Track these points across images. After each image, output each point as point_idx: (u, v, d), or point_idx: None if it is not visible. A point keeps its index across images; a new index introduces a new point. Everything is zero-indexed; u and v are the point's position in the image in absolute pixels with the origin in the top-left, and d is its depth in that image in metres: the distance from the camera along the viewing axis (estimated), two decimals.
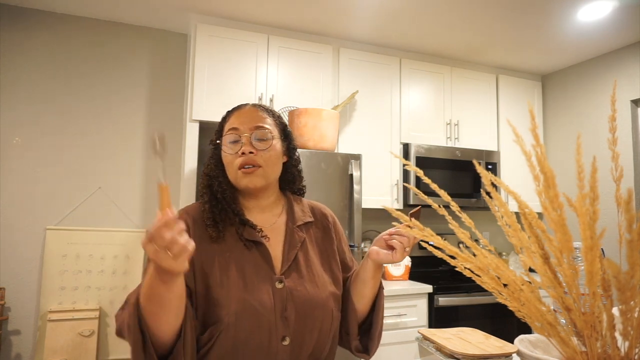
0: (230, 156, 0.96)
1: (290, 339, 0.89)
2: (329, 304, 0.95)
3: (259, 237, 0.95)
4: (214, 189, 0.97)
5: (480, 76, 3.24)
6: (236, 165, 0.95)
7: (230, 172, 0.97)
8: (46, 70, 2.54)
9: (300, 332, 0.90)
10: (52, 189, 2.50)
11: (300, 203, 1.08)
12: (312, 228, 1.04)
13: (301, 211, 1.05)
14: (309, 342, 0.91)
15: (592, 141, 3.04)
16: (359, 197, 2.39)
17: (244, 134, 0.96)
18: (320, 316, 0.92)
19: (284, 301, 0.90)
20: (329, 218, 1.09)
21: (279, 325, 0.88)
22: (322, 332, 0.93)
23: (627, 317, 0.55)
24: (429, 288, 2.54)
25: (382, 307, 1.03)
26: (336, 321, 0.97)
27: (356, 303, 1.00)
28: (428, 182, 0.77)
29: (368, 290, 0.99)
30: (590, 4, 2.38)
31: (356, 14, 2.54)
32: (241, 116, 0.99)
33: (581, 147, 0.61)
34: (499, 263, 0.67)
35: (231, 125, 0.98)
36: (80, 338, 2.37)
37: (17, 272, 2.40)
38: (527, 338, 0.78)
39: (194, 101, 2.44)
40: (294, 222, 1.01)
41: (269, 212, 1.02)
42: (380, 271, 1.00)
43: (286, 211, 1.04)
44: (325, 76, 2.75)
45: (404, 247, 0.92)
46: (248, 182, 0.95)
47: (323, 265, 1.01)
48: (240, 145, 0.95)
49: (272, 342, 0.87)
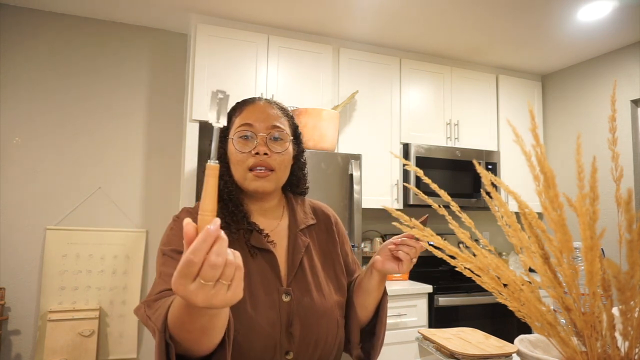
0: (241, 155, 0.89)
1: (294, 354, 0.86)
2: (334, 313, 0.92)
3: (267, 245, 0.90)
4: (220, 188, 0.89)
5: (480, 76, 3.24)
6: (247, 165, 0.88)
7: (239, 172, 0.90)
8: (46, 70, 2.54)
9: (304, 346, 0.87)
10: (52, 189, 2.50)
11: (302, 204, 1.03)
12: (314, 230, 1.00)
13: (303, 213, 1.00)
14: (312, 354, 0.88)
15: (592, 141, 3.04)
16: (359, 197, 2.39)
17: (259, 132, 0.89)
18: (325, 326, 0.89)
19: (290, 316, 0.86)
20: (331, 219, 1.05)
21: (284, 341, 0.85)
22: (327, 343, 0.90)
23: (627, 317, 0.55)
24: (429, 288, 2.54)
25: (385, 316, 0.99)
26: (341, 329, 0.94)
27: (359, 312, 0.97)
28: (428, 182, 0.77)
29: (371, 300, 0.96)
30: (590, 4, 2.38)
31: (356, 14, 2.53)
32: (256, 112, 0.91)
33: (581, 147, 0.61)
34: (499, 263, 0.67)
35: (245, 120, 0.90)
36: (80, 338, 2.37)
37: (17, 272, 2.40)
38: (527, 338, 0.78)
39: (194, 101, 2.44)
40: (296, 226, 0.96)
41: (271, 215, 0.97)
42: (384, 281, 0.97)
43: (288, 214, 0.99)
44: (325, 76, 2.75)
45: (410, 258, 0.88)
46: (259, 187, 0.90)
47: (327, 272, 0.97)
48: (254, 144, 0.88)
49: (275, 357, 0.84)
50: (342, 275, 1.00)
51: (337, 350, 0.95)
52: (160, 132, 2.77)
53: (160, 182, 2.74)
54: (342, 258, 1.02)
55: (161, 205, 2.70)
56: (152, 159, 2.73)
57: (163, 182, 2.74)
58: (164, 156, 2.76)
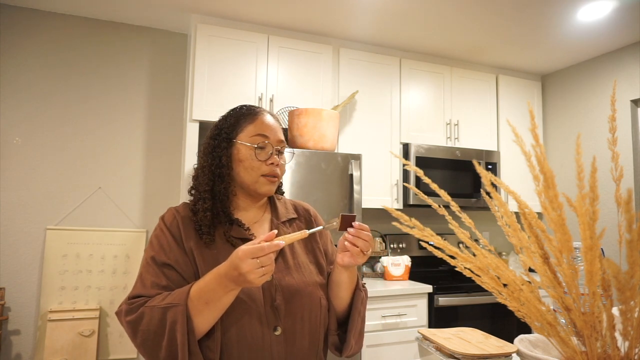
0: (258, 162, 0.98)
1: (282, 329, 0.91)
2: (317, 292, 0.98)
3: (247, 235, 0.98)
4: (215, 189, 0.97)
5: (480, 76, 3.24)
6: (262, 171, 0.98)
7: (251, 175, 0.98)
8: (46, 70, 2.54)
9: (291, 322, 0.92)
10: (52, 189, 2.50)
11: (283, 202, 1.12)
12: (295, 223, 1.09)
13: (285, 209, 1.09)
14: (300, 331, 0.93)
15: (592, 141, 3.04)
16: (359, 197, 2.39)
17: (275, 146, 1.00)
18: (308, 304, 0.95)
19: (272, 292, 0.92)
20: (310, 212, 1.14)
21: (269, 315, 0.91)
22: (312, 321, 0.96)
23: (627, 317, 0.55)
24: (429, 288, 2.54)
25: (360, 310, 1.03)
26: (324, 309, 0.99)
27: (333, 302, 1.02)
28: (428, 182, 0.77)
29: (343, 292, 1.01)
30: (590, 4, 2.38)
31: (356, 14, 2.54)
32: (270, 126, 1.02)
33: (581, 147, 0.61)
34: (499, 263, 0.67)
35: (261, 131, 1.00)
36: (80, 338, 2.38)
37: (17, 272, 2.40)
38: (527, 338, 0.78)
39: (194, 101, 2.44)
40: (278, 219, 1.05)
41: (256, 209, 1.05)
42: (354, 274, 1.00)
43: (270, 208, 1.08)
44: (325, 76, 2.75)
45: (359, 250, 0.91)
46: (269, 191, 1.00)
47: (308, 256, 1.04)
48: (268, 154, 0.99)
49: (264, 333, 0.89)
50: (323, 259, 1.06)
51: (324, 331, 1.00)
52: (160, 132, 2.77)
53: (160, 182, 2.74)
54: (321, 245, 1.09)
55: (161, 205, 2.70)
56: (152, 159, 2.73)
57: (163, 182, 2.74)
58: (164, 156, 2.76)
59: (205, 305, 0.82)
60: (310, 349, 0.96)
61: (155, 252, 0.93)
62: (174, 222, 0.96)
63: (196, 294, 0.83)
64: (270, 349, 0.89)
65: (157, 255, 0.92)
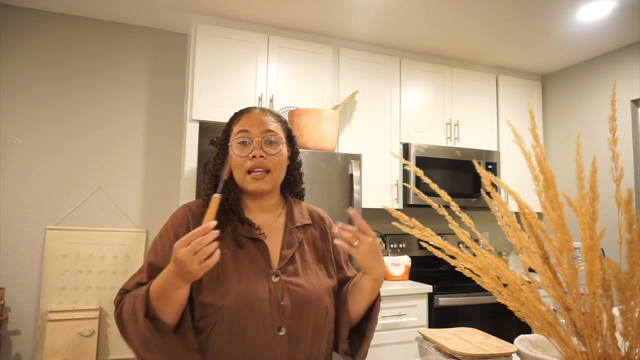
0: (240, 159, 0.98)
1: (287, 330, 0.91)
2: (324, 300, 0.97)
3: (257, 235, 0.97)
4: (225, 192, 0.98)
5: (480, 76, 3.24)
6: (245, 168, 0.97)
7: (239, 174, 0.99)
8: (46, 70, 2.54)
9: (296, 324, 0.92)
10: (52, 189, 2.50)
11: (299, 206, 1.11)
12: (309, 230, 1.07)
13: (300, 214, 1.08)
14: (304, 335, 0.93)
15: (592, 141, 3.04)
16: (359, 197, 2.39)
17: (255, 137, 0.98)
18: (314, 311, 0.94)
19: (279, 293, 0.92)
20: (325, 221, 1.12)
21: (275, 315, 0.90)
22: (315, 327, 0.95)
23: (627, 317, 0.55)
24: (429, 288, 2.54)
25: (376, 319, 1.03)
26: (330, 317, 0.98)
27: (350, 307, 1.01)
28: (428, 182, 0.77)
29: (363, 299, 1.00)
30: (590, 4, 2.38)
31: (356, 14, 2.54)
32: (251, 119, 1.01)
33: (581, 147, 0.61)
34: (499, 263, 0.67)
35: (241, 127, 1.00)
36: (80, 338, 2.38)
37: (17, 272, 2.40)
38: (527, 338, 0.78)
39: (194, 101, 2.44)
40: (292, 223, 1.04)
41: (269, 212, 1.05)
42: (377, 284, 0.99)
43: (286, 213, 1.07)
44: (325, 76, 2.75)
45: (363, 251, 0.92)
46: (256, 188, 0.98)
47: (319, 265, 1.03)
48: (251, 148, 0.97)
49: (267, 333, 0.89)
50: (333, 270, 1.06)
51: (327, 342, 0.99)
52: (160, 132, 2.77)
53: (160, 182, 2.74)
54: (333, 255, 1.08)
55: (161, 205, 2.71)
56: (152, 159, 2.73)
57: (163, 182, 2.74)
58: (163, 156, 2.76)
59: (157, 300, 0.83)
60: (312, 353, 0.95)
61: (154, 258, 0.94)
62: (183, 221, 0.98)
63: (153, 291, 0.84)
64: (273, 348, 0.89)
65: (155, 260, 0.94)
